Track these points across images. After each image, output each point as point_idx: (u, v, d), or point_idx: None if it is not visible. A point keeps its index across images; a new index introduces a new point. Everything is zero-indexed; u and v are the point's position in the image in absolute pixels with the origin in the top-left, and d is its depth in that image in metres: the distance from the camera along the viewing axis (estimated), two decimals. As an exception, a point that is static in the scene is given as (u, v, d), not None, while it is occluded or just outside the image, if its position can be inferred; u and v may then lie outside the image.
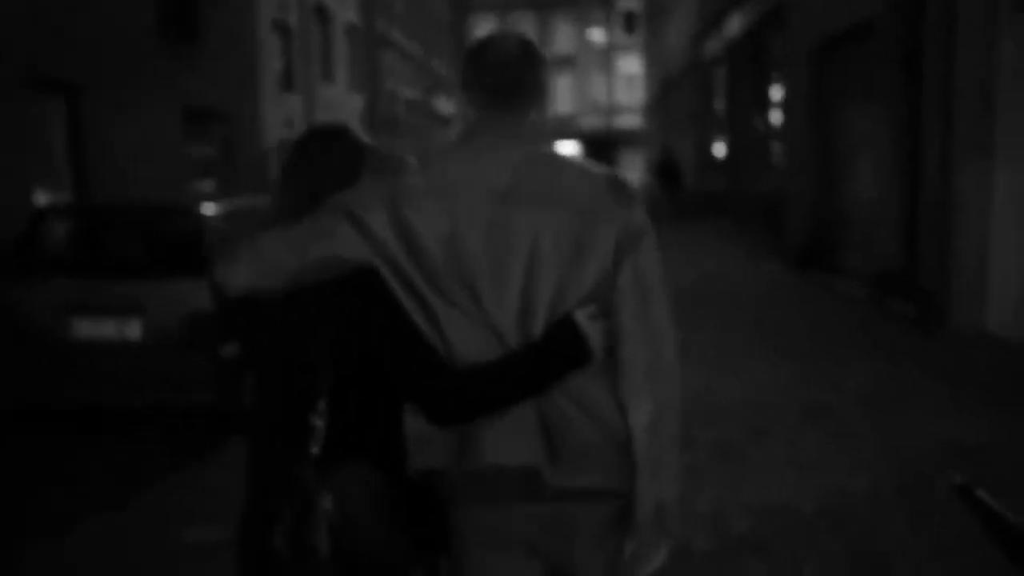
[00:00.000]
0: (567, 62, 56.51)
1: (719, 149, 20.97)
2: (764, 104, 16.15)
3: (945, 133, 7.90)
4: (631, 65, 54.69)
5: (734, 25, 17.44)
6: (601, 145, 52.90)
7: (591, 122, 55.75)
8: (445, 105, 35.94)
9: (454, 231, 1.61)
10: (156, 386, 5.58)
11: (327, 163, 1.77)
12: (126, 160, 10.67)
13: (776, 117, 15.47)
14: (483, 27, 54.47)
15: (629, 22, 55.44)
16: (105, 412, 6.28)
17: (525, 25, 57.03)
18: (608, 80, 56.33)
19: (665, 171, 23.06)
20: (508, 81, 1.70)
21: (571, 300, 1.63)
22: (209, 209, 6.21)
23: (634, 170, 47.82)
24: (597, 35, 55.42)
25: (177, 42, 12.02)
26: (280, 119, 16.39)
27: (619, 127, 54.21)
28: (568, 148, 56.76)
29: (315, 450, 1.59)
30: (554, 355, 1.62)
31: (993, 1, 7.40)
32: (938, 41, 7.97)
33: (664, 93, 31.99)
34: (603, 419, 1.66)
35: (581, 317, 1.62)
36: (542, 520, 1.68)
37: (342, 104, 21.02)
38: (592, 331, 1.62)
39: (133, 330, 5.58)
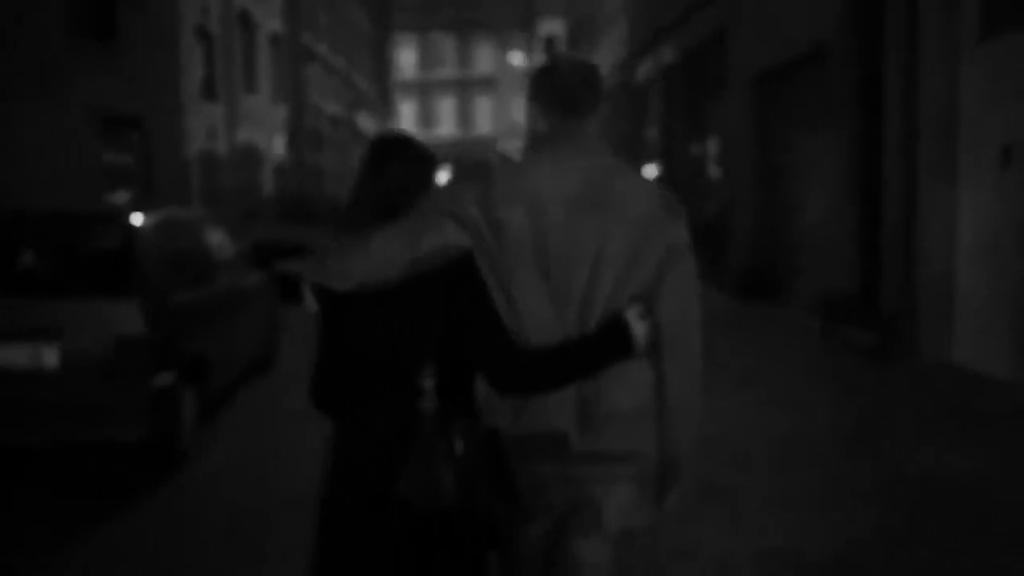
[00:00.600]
0: (487, 84, 56.48)
1: (650, 173, 20.91)
2: (702, 129, 16.08)
3: (908, 159, 7.76)
4: (552, 89, 54.87)
5: (669, 50, 17.38)
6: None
7: (509, 144, 55.72)
8: (366, 122, 35.24)
9: (535, 231, 1.91)
10: (77, 421, 4.87)
11: (403, 168, 2.03)
12: (35, 167, 9.79)
13: (714, 142, 15.40)
14: (405, 45, 54.02)
15: (550, 46, 55.79)
16: (23, 451, 5.54)
17: (445, 46, 56.84)
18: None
19: None
20: (574, 93, 2.00)
21: (624, 297, 1.92)
22: (139, 219, 5.54)
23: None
24: (517, 58, 55.55)
25: (93, 44, 11.19)
26: (202, 128, 15.56)
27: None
28: (488, 170, 56.55)
29: (429, 406, 1.86)
30: (605, 346, 1.91)
31: (955, 29, 7.30)
32: (899, 67, 7.85)
33: (589, 117, 31.98)
34: (637, 390, 1.96)
35: (632, 316, 1.92)
36: (564, 480, 1.94)
37: (265, 116, 20.22)
38: (639, 328, 1.92)
39: (49, 357, 4.86)
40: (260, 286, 7.83)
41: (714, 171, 15.49)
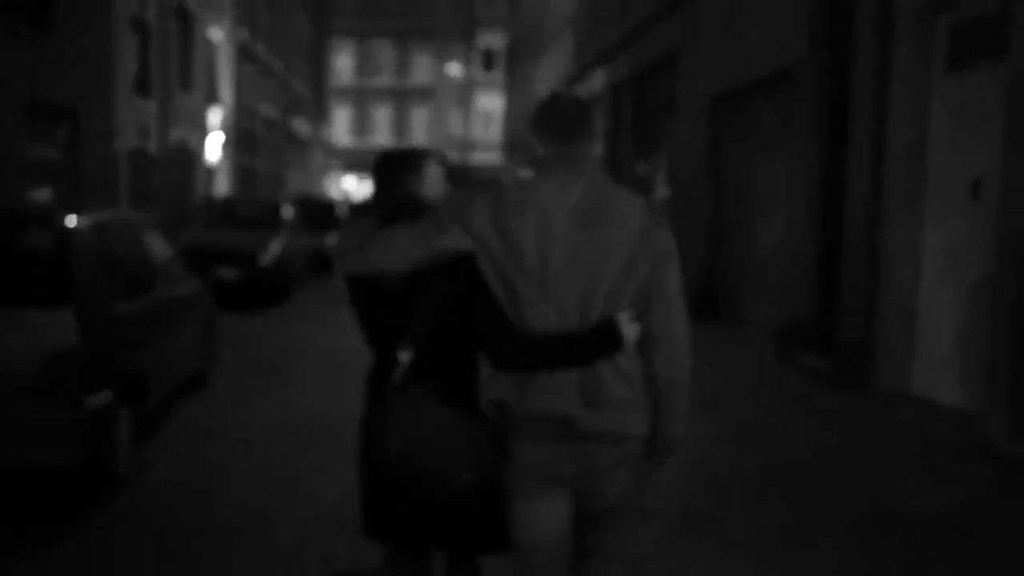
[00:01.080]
0: (425, 94, 56.03)
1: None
2: (649, 147, 15.99)
3: (873, 188, 7.68)
4: (489, 102, 54.76)
5: (617, 67, 17.29)
6: (459, 180, 52.54)
7: (446, 156, 55.31)
8: (302, 126, 34.49)
9: (541, 238, 2.24)
10: (2, 443, 4.36)
11: (413, 177, 2.39)
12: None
13: (662, 161, 15.31)
14: (343, 51, 53.22)
15: (488, 59, 55.68)
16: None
17: (384, 53, 56.20)
18: (465, 115, 56.17)
19: None
20: (570, 124, 2.35)
21: (621, 294, 2.26)
22: (74, 220, 5.05)
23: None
24: (455, 70, 55.25)
25: (26, 29, 10.51)
26: (134, 125, 14.83)
27: (474, 163, 54.02)
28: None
29: (398, 377, 2.29)
30: (598, 342, 2.24)
31: (926, 58, 7.25)
32: (869, 93, 7.78)
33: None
34: (632, 383, 2.30)
35: (623, 319, 2.25)
36: (573, 456, 2.26)
37: (199, 115, 19.49)
38: (628, 330, 2.26)
39: (-30, 370, 4.35)
40: (196, 294, 7.33)
41: (661, 191, 15.40)
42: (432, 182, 2.41)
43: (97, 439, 4.56)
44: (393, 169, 2.42)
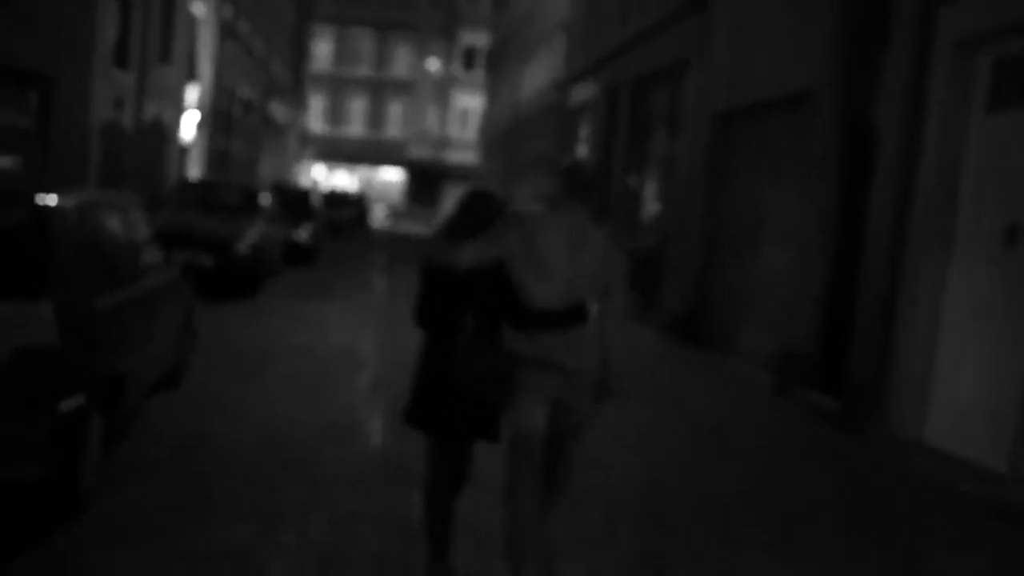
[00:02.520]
0: (402, 87, 55.28)
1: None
2: (642, 160, 15.63)
3: (896, 225, 7.35)
4: (467, 100, 54.18)
5: (616, 74, 16.91)
6: (432, 176, 51.91)
7: (420, 151, 54.61)
8: (280, 111, 33.70)
9: (545, 248, 3.71)
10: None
11: (484, 209, 3.87)
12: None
13: (656, 175, 14.96)
14: (321, 37, 52.23)
15: (469, 58, 55.11)
16: None
17: (363, 43, 55.34)
18: (442, 112, 55.50)
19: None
20: (581, 185, 3.84)
21: (588, 292, 3.79)
22: (55, 200, 4.50)
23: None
24: (434, 65, 54.59)
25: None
26: (110, 97, 14.12)
27: (448, 160, 53.40)
28: (393, 175, 55.43)
29: (468, 331, 3.70)
30: (575, 317, 3.74)
31: (965, 96, 6.93)
32: (894, 129, 7.46)
33: (512, 134, 31.42)
34: (593, 339, 3.80)
35: (589, 304, 3.82)
36: (562, 381, 3.69)
37: (176, 91, 18.76)
38: (591, 311, 3.81)
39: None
40: (176, 285, 6.78)
41: (653, 205, 15.04)
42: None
43: (63, 450, 4.03)
44: (483, 204, 3.89)
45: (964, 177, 6.97)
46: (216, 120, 22.53)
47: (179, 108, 19.10)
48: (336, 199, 30.50)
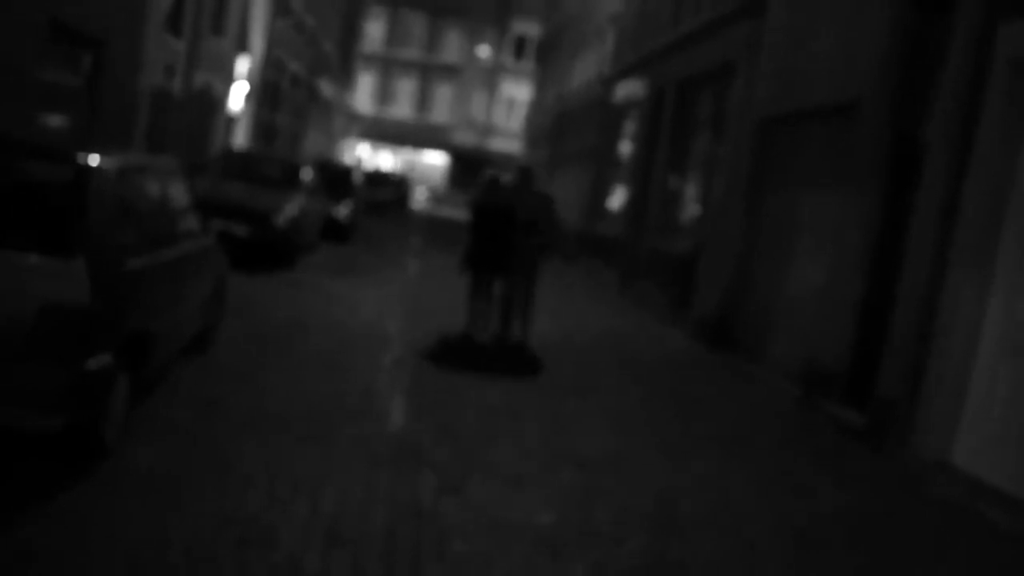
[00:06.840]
0: (451, 72, 55.34)
1: (618, 195, 20.30)
2: (684, 161, 15.50)
3: (938, 244, 7.21)
4: (515, 89, 54.10)
5: (664, 73, 16.77)
6: (475, 163, 51.96)
7: (464, 137, 54.67)
8: (327, 88, 33.88)
9: (523, 198, 9.18)
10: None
11: (531, 178, 9.83)
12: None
13: (697, 177, 14.83)
14: (374, 17, 52.40)
15: (520, 47, 54.99)
16: None
17: (415, 26, 55.44)
18: (489, 99, 55.49)
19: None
20: (530, 175, 9.89)
21: (538, 221, 9.10)
22: (96, 160, 4.55)
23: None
24: (485, 52, 54.56)
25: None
26: (161, 63, 14.28)
27: (492, 148, 53.37)
28: (437, 159, 55.57)
29: (520, 236, 8.97)
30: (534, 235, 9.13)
31: (1021, 119, 6.77)
32: (944, 147, 7.31)
33: (557, 126, 31.32)
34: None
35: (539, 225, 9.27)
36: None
37: (226, 61, 18.93)
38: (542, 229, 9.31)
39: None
40: (211, 252, 6.85)
41: (693, 207, 14.92)
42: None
43: (87, 404, 4.09)
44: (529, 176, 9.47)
45: (1013, 199, 6.82)
46: (264, 93, 22.71)
47: (228, 79, 19.26)
48: (378, 179, 30.63)
